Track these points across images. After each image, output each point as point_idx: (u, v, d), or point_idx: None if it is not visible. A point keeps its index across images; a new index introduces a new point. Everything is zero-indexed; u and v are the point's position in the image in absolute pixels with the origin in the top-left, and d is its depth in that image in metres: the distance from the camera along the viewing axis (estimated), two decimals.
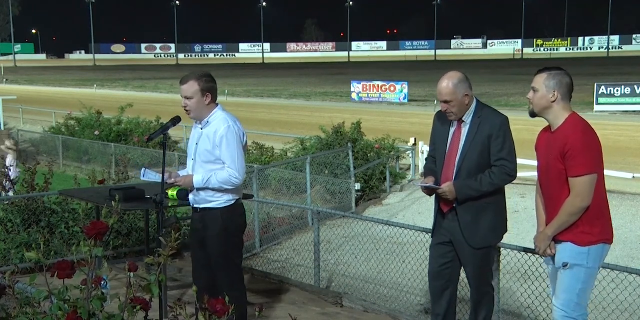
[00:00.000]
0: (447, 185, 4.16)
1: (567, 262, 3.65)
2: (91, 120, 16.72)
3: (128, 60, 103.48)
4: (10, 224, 6.68)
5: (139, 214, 6.93)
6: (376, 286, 6.24)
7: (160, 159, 4.59)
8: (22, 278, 3.14)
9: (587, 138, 3.62)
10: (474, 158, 4.16)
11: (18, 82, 52.62)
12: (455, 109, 4.17)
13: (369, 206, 11.11)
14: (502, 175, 4.13)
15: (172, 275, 6.33)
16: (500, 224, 4.31)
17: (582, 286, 3.66)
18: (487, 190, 4.14)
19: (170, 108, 24.98)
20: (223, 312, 2.36)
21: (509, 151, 4.16)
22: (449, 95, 4.15)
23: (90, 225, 2.47)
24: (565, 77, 3.73)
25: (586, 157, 3.58)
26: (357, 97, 31.77)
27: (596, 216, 3.65)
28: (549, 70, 3.75)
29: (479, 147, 4.15)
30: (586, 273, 3.64)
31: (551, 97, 3.68)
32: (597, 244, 3.64)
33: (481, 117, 4.19)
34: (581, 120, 3.71)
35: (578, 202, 3.59)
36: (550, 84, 3.69)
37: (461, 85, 4.18)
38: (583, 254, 3.62)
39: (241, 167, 4.27)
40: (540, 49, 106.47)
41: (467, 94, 4.18)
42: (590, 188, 3.58)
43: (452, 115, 4.21)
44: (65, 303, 2.39)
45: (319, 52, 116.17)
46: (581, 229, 3.63)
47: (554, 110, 3.71)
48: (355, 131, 12.49)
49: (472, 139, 4.17)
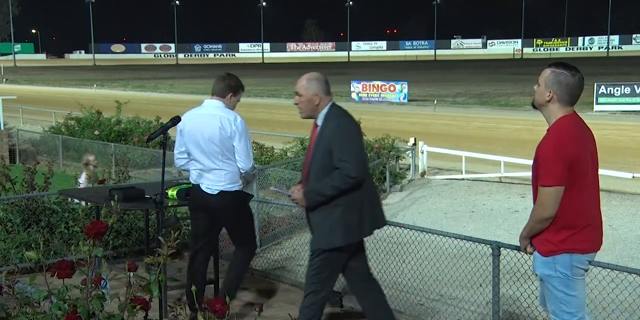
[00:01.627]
0: (297, 193, 4.23)
1: (537, 274, 3.63)
2: (91, 120, 16.71)
3: (128, 60, 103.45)
4: (10, 224, 6.68)
5: (139, 214, 6.93)
6: None
7: (160, 159, 4.60)
8: (22, 278, 3.14)
9: (558, 149, 3.44)
10: (318, 161, 4.21)
11: (18, 82, 52.61)
12: (303, 105, 4.28)
13: None
14: (342, 178, 4.09)
15: (172, 275, 6.32)
16: (343, 227, 4.19)
17: (563, 295, 3.56)
18: (332, 194, 4.12)
19: (170, 108, 24.98)
20: (222, 312, 2.36)
21: (348, 153, 4.13)
22: (301, 89, 4.27)
23: (90, 225, 2.48)
24: (568, 77, 3.53)
25: (551, 169, 3.44)
26: (357, 97, 31.77)
27: (563, 226, 3.52)
28: (556, 67, 3.58)
29: (322, 150, 4.19)
30: (560, 282, 3.55)
31: (547, 95, 3.55)
32: (560, 253, 3.53)
33: (327, 121, 4.24)
34: (563, 127, 3.53)
35: (540, 211, 3.51)
36: (549, 83, 3.54)
37: (315, 84, 4.27)
38: (549, 263, 3.56)
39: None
40: (540, 49, 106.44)
41: (317, 94, 4.24)
42: (553, 200, 3.45)
43: (300, 111, 4.33)
44: (65, 303, 2.39)
45: (319, 52, 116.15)
46: (545, 237, 3.56)
47: (549, 110, 3.58)
48: None
49: (319, 143, 4.22)
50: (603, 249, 5.42)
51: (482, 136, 18.58)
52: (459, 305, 5.88)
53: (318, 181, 4.17)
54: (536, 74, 3.77)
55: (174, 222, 4.98)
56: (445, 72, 54.89)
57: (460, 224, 9.33)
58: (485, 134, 19.09)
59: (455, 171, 12.93)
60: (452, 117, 23.61)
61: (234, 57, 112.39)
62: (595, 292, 4.88)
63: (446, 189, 11.89)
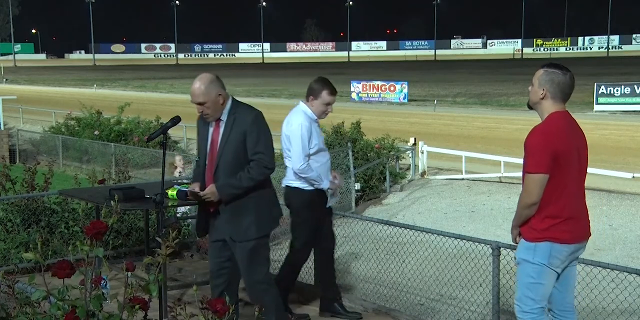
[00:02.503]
0: (209, 189, 4.24)
1: (517, 258, 3.80)
2: (91, 120, 16.72)
3: (128, 60, 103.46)
4: (10, 223, 6.67)
5: (139, 214, 6.92)
6: (376, 286, 6.24)
7: (160, 159, 4.60)
8: (22, 278, 3.14)
9: (544, 139, 3.66)
10: (230, 156, 4.23)
11: (18, 82, 52.61)
12: (211, 110, 4.24)
13: (369, 206, 11.11)
14: (260, 169, 4.22)
15: (172, 275, 6.33)
16: (265, 218, 4.36)
17: (532, 281, 3.74)
18: (249, 186, 4.22)
19: (171, 108, 25.00)
20: (223, 312, 2.36)
21: (265, 145, 4.25)
22: (202, 97, 4.20)
23: (90, 225, 2.47)
24: (560, 76, 3.73)
25: (536, 157, 3.65)
26: (357, 97, 31.77)
27: (547, 215, 3.71)
28: (548, 67, 3.79)
29: (235, 145, 4.22)
30: (534, 269, 3.72)
31: (540, 93, 3.74)
32: (543, 241, 3.70)
33: (235, 115, 4.26)
34: (552, 121, 3.74)
35: (524, 197, 3.72)
36: (542, 81, 3.74)
37: (213, 85, 4.24)
38: (530, 249, 3.73)
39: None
40: (541, 49, 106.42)
41: (221, 94, 4.25)
42: (536, 187, 3.66)
43: (209, 116, 4.27)
44: (64, 303, 2.39)
45: (319, 52, 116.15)
46: (530, 224, 3.74)
47: (542, 107, 3.78)
48: (355, 131, 12.49)
49: (228, 137, 4.24)
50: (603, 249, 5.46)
51: (482, 136, 18.57)
52: (459, 305, 5.88)
53: (229, 176, 4.22)
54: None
55: (173, 222, 4.99)
56: (445, 72, 54.89)
57: (460, 224, 9.33)
58: (485, 134, 19.09)
59: (455, 171, 12.93)
60: (452, 117, 23.61)
61: (234, 57, 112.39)
62: (595, 292, 4.88)
63: (446, 189, 11.90)
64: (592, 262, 4.51)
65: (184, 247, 7.05)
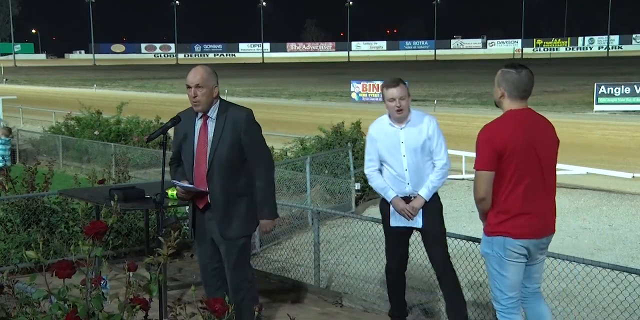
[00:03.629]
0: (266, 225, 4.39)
1: (480, 251, 4.02)
2: (91, 120, 16.71)
3: (128, 60, 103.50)
4: (10, 223, 6.67)
5: (139, 214, 6.92)
6: (376, 286, 6.23)
7: (160, 159, 4.60)
8: (22, 278, 3.14)
9: (489, 136, 3.77)
10: (224, 153, 4.24)
11: (18, 82, 52.62)
12: (205, 97, 4.22)
13: (369, 206, 11.10)
14: (272, 169, 4.40)
15: (172, 275, 6.33)
16: (253, 218, 4.39)
17: (496, 273, 3.90)
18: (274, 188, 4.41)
19: (171, 108, 24.97)
20: (222, 311, 2.36)
21: (261, 143, 4.36)
22: (201, 80, 4.22)
23: (89, 225, 2.48)
24: (514, 75, 3.82)
25: (481, 154, 3.80)
26: (357, 97, 31.77)
27: (499, 211, 3.83)
28: (505, 67, 3.91)
29: (229, 142, 4.23)
30: (495, 260, 3.88)
31: (499, 93, 3.87)
32: (496, 235, 3.84)
33: (227, 113, 4.28)
34: (502, 119, 3.84)
35: (474, 193, 3.91)
36: (499, 81, 3.86)
37: (213, 75, 4.30)
38: (488, 242, 3.90)
39: (448, 157, 4.84)
40: (541, 49, 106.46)
41: (217, 86, 4.30)
42: (480, 183, 3.82)
43: (199, 104, 4.23)
44: (65, 303, 2.39)
45: (319, 52, 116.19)
46: (488, 219, 3.91)
47: (503, 106, 3.89)
48: (355, 131, 12.48)
49: (221, 134, 4.24)
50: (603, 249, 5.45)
51: None
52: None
53: (229, 174, 4.24)
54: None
55: (174, 222, 4.97)
56: (445, 72, 54.90)
57: (460, 224, 9.32)
58: None
59: (455, 171, 12.92)
60: (452, 117, 23.61)
61: (234, 57, 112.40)
62: (595, 292, 4.88)
63: (446, 189, 11.89)
64: (592, 262, 4.51)
65: (184, 247, 7.05)
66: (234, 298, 4.28)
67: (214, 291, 4.39)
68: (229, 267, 4.37)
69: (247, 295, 4.37)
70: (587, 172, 11.35)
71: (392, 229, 4.86)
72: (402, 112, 4.72)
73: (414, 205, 4.70)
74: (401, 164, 4.71)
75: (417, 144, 4.67)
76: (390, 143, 4.73)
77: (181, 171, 4.44)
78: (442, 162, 4.75)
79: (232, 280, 4.38)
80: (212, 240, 4.39)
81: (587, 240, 8.39)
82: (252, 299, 4.40)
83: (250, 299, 4.38)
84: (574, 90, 34.30)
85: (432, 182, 4.71)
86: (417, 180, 4.71)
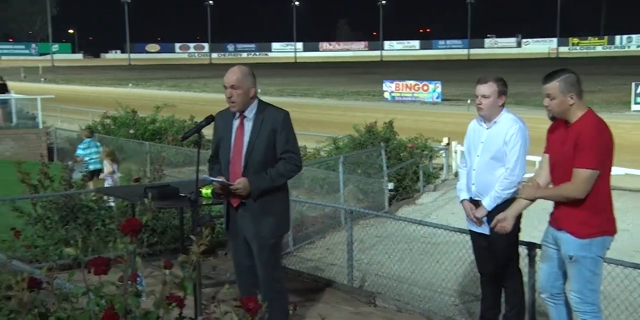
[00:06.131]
0: (241, 182, 4.24)
1: (572, 256, 3.85)
2: (126, 119, 16.91)
3: (162, 59, 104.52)
4: (49, 220, 6.78)
5: (174, 212, 6.98)
6: (410, 286, 6.20)
7: (194, 158, 4.63)
8: (60, 274, 3.18)
9: (599, 136, 3.78)
10: (260, 152, 4.27)
11: (56, 81, 53.50)
12: (240, 98, 4.25)
13: (402, 206, 11.06)
14: (290, 167, 4.30)
15: (206, 273, 6.37)
16: (286, 217, 4.46)
17: (591, 273, 3.86)
18: (279, 183, 4.31)
19: (204, 107, 25.16)
20: (255, 310, 2.36)
21: (293, 144, 4.33)
22: (237, 81, 4.24)
23: (125, 222, 2.50)
24: (573, 76, 3.86)
25: (592, 154, 3.73)
26: (390, 96, 31.66)
27: (597, 210, 3.81)
28: (559, 75, 3.86)
29: (265, 142, 4.26)
30: (592, 262, 3.83)
31: (569, 100, 3.83)
32: (598, 236, 3.81)
33: (264, 113, 4.30)
34: (596, 118, 3.85)
35: (572, 190, 3.78)
36: (565, 90, 3.82)
37: (250, 76, 4.32)
38: (586, 245, 3.81)
39: (521, 168, 4.50)
40: (577, 48, 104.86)
41: (253, 87, 4.31)
42: (586, 182, 3.74)
43: (235, 105, 4.27)
44: (102, 299, 2.41)
45: (351, 52, 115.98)
46: (582, 221, 3.80)
47: (572, 110, 3.85)
48: (388, 131, 12.44)
49: (258, 135, 4.27)
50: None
51: None
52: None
53: (258, 171, 4.26)
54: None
55: (208, 221, 5.00)
56: (479, 72, 54.39)
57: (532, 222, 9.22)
58: None
59: None
60: None
61: (266, 57, 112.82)
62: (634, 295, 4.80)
63: None
64: (631, 264, 4.44)
65: (218, 245, 7.09)
66: (266, 296, 4.28)
67: (247, 289, 4.40)
68: (260, 266, 4.39)
69: (278, 294, 4.37)
70: (626, 173, 11.16)
71: (469, 231, 4.79)
72: (482, 110, 4.59)
73: (476, 215, 4.57)
74: (472, 163, 4.62)
75: (493, 146, 4.51)
76: (473, 141, 4.66)
77: (217, 169, 4.46)
78: (509, 171, 4.48)
79: (264, 279, 4.40)
80: (245, 238, 4.41)
81: (626, 242, 8.24)
82: (283, 298, 4.41)
83: (281, 298, 4.38)
84: (610, 90, 33.74)
85: (496, 191, 4.49)
86: (484, 185, 4.54)
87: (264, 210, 4.31)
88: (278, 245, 4.47)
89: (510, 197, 4.40)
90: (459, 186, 4.76)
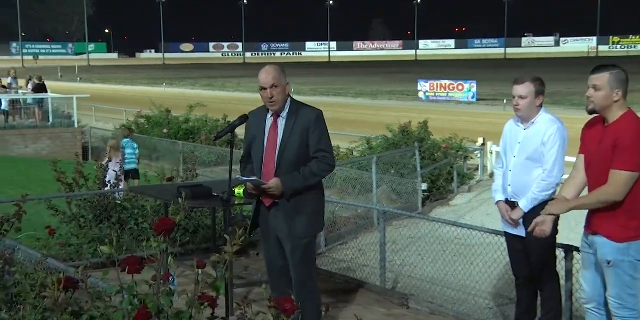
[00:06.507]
0: (274, 181, 4.20)
1: (610, 260, 3.76)
2: (160, 118, 17.07)
3: (196, 59, 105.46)
4: (83, 219, 6.85)
5: (206, 212, 7.00)
6: (443, 288, 6.13)
7: (227, 157, 4.63)
8: (93, 273, 3.19)
9: (639, 137, 3.69)
10: (293, 151, 4.23)
11: (91, 80, 54.29)
12: (281, 96, 4.23)
13: (436, 207, 10.96)
14: (323, 166, 4.26)
15: (238, 273, 6.37)
16: (320, 218, 4.41)
17: (630, 278, 3.78)
18: (312, 182, 4.25)
19: (237, 106, 25.30)
20: (291, 311, 2.34)
21: (327, 143, 4.31)
22: (275, 80, 4.22)
23: (158, 221, 2.50)
24: (623, 73, 3.78)
25: (632, 155, 3.64)
26: (424, 95, 31.48)
27: (635, 213, 3.72)
28: (610, 69, 3.78)
29: (298, 141, 4.23)
30: (630, 266, 3.75)
31: (614, 96, 3.74)
32: (636, 239, 3.71)
33: (298, 112, 4.27)
34: (637, 118, 3.76)
35: (610, 193, 3.69)
36: (614, 84, 3.74)
37: (283, 74, 4.29)
38: (623, 249, 3.72)
39: (559, 169, 4.43)
40: (617, 46, 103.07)
41: (288, 83, 4.32)
42: (625, 184, 3.65)
43: (275, 104, 4.24)
44: (135, 298, 2.41)
45: (385, 51, 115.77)
46: (620, 224, 3.71)
47: (614, 107, 3.77)
48: (422, 130, 12.35)
49: (290, 133, 4.24)
50: None
51: None
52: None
53: (290, 170, 4.23)
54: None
55: (240, 220, 5.00)
56: (515, 71, 53.80)
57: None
58: None
59: None
60: None
61: (300, 56, 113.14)
62: None
63: None
64: None
65: (250, 245, 7.09)
66: (298, 297, 4.26)
67: (280, 289, 4.39)
68: (293, 265, 4.37)
69: (311, 294, 4.35)
70: None
71: (504, 233, 4.70)
72: (520, 111, 4.50)
73: (512, 216, 4.48)
74: (508, 163, 4.54)
75: (530, 147, 4.43)
76: (510, 141, 4.58)
77: (250, 168, 4.45)
78: (546, 172, 4.40)
79: (296, 279, 4.38)
80: (277, 238, 4.39)
81: None
82: (315, 298, 4.39)
83: (314, 298, 4.36)
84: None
85: (533, 192, 4.40)
86: (520, 186, 4.45)
87: (297, 209, 4.29)
88: (311, 245, 4.44)
89: (548, 199, 4.30)
90: (495, 187, 4.69)
